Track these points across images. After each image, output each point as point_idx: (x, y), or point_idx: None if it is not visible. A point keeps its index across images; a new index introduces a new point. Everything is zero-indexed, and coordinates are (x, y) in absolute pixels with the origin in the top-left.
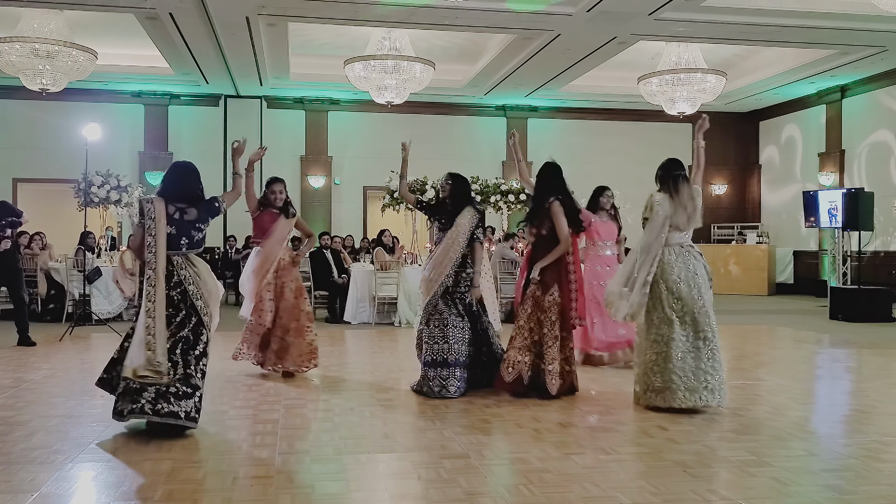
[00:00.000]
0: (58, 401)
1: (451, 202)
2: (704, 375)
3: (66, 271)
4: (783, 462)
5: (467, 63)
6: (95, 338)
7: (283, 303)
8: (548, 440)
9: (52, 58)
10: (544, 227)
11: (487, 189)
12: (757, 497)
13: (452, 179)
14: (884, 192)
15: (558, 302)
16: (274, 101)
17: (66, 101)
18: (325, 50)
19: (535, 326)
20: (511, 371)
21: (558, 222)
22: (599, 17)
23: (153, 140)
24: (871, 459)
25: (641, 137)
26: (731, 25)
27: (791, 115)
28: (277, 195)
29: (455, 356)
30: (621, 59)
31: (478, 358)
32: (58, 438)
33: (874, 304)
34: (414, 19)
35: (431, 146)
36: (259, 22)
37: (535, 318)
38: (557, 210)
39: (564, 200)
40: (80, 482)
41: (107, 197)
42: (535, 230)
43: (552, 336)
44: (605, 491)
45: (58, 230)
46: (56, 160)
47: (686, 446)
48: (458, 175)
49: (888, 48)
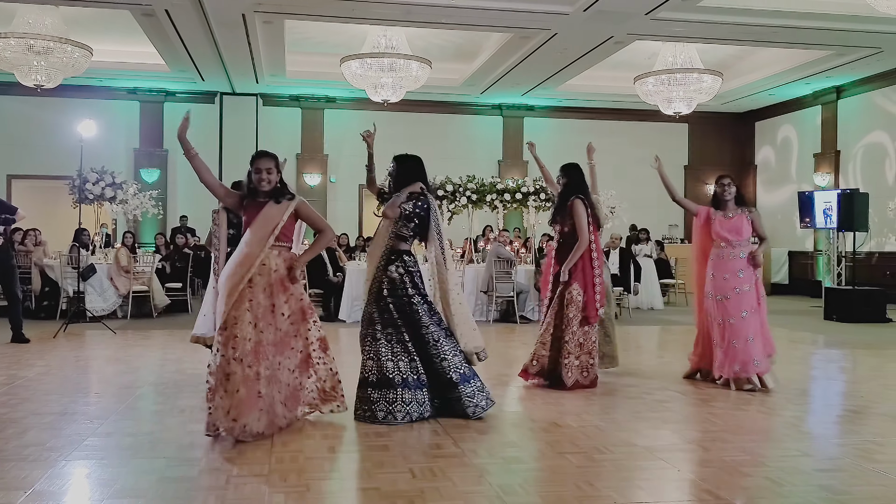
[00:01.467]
0: (52, 398)
1: (395, 189)
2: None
3: (61, 268)
4: (777, 462)
5: (464, 62)
6: (90, 335)
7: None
8: (542, 439)
9: (47, 54)
10: (566, 225)
11: (484, 188)
12: (751, 497)
13: (395, 162)
14: (879, 193)
15: (579, 297)
16: (270, 99)
17: (62, 97)
18: (321, 48)
19: (558, 322)
20: (535, 364)
21: (579, 221)
22: (596, 17)
23: (148, 137)
24: (865, 460)
25: (638, 137)
26: (728, 26)
27: (787, 115)
28: (264, 176)
29: (392, 375)
30: (618, 59)
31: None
32: (51, 436)
33: (869, 305)
34: (410, 17)
35: (427, 145)
36: (255, 19)
37: (560, 314)
38: (579, 208)
39: (586, 199)
40: (73, 480)
41: (101, 194)
42: (559, 227)
43: (570, 331)
44: (598, 490)
45: (52, 227)
46: (51, 157)
47: (679, 446)
48: (402, 157)
49: (884, 49)
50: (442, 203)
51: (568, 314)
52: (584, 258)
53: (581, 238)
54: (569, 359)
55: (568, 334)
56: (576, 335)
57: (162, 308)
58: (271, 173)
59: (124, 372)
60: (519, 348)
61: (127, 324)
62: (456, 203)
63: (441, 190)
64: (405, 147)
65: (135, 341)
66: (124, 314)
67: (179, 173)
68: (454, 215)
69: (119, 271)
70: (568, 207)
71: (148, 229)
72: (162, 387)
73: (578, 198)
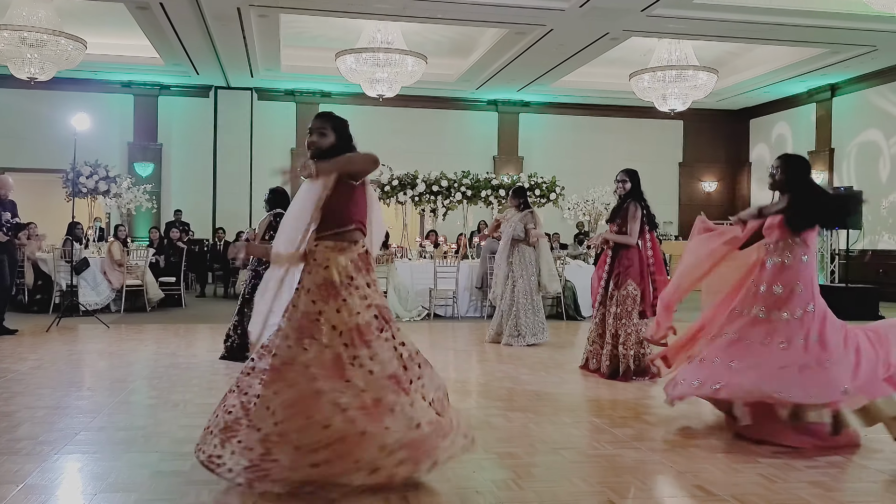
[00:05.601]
0: (44, 392)
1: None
2: None
3: (54, 262)
4: (769, 458)
5: (459, 57)
6: (83, 329)
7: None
8: (536, 435)
9: (41, 46)
10: (623, 226)
11: (479, 184)
12: (743, 493)
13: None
14: (872, 191)
15: (635, 292)
16: (264, 93)
17: (55, 90)
18: (316, 42)
19: (611, 320)
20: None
21: (632, 222)
22: (592, 13)
23: (142, 131)
24: (856, 456)
25: (633, 134)
26: (723, 23)
27: (781, 113)
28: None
29: None
30: (613, 56)
31: None
32: (44, 429)
33: (862, 303)
34: (407, 12)
35: (422, 140)
36: (250, 13)
37: (611, 311)
38: (634, 211)
39: (644, 205)
40: (65, 473)
41: (95, 187)
42: (616, 228)
43: (631, 324)
44: (592, 486)
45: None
46: (44, 150)
47: (672, 442)
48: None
49: (878, 48)
50: (437, 198)
51: (626, 308)
52: (642, 257)
53: (631, 235)
54: (626, 350)
55: (626, 328)
56: (632, 328)
57: (156, 302)
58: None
59: (117, 366)
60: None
61: (120, 318)
62: (451, 199)
63: (436, 185)
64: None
65: (128, 335)
66: (118, 308)
67: (174, 167)
68: (449, 211)
69: (112, 265)
70: (624, 209)
71: (142, 223)
72: (155, 381)
73: (636, 202)
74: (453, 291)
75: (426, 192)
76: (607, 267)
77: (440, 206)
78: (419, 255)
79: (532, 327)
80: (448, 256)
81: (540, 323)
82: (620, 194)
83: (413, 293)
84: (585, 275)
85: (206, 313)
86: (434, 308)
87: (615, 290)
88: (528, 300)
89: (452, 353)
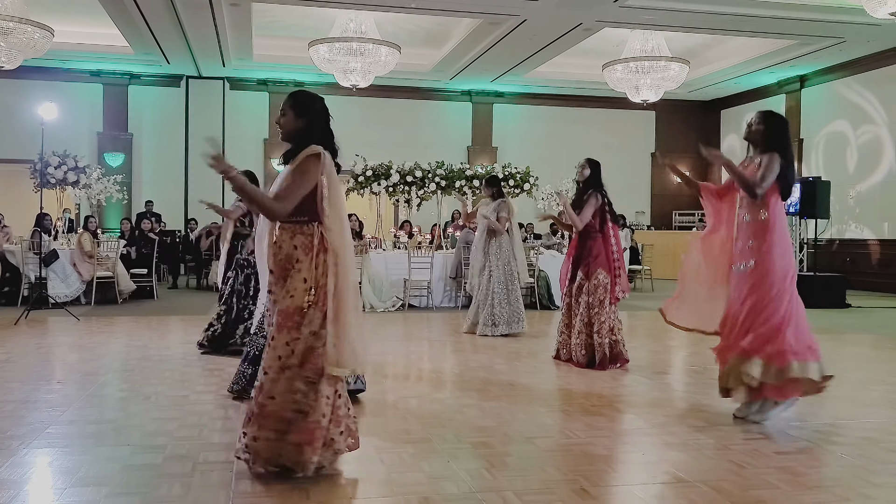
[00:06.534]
0: (13, 385)
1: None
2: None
3: (22, 254)
4: (740, 445)
5: (433, 47)
6: (52, 322)
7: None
8: (509, 424)
9: (7, 34)
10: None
11: (453, 174)
12: (714, 479)
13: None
14: (840, 181)
15: (606, 280)
16: (237, 83)
17: (22, 79)
18: (289, 31)
19: (583, 309)
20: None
21: (586, 207)
22: (565, 4)
23: (112, 120)
24: (824, 442)
25: (606, 124)
26: (695, 14)
27: (752, 103)
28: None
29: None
30: (586, 46)
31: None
32: (12, 423)
33: (829, 291)
34: (380, 1)
35: (397, 130)
36: (222, 1)
37: (582, 301)
38: (592, 200)
39: (604, 195)
40: (35, 468)
41: (64, 178)
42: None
43: (604, 313)
44: (566, 474)
45: (13, 212)
46: (11, 140)
47: (645, 430)
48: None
49: (846, 39)
50: (411, 189)
51: (598, 297)
52: (607, 247)
53: (580, 219)
54: (601, 339)
55: (599, 316)
56: (605, 316)
57: (127, 294)
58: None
59: (88, 359)
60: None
61: (91, 310)
62: (425, 189)
63: (410, 176)
64: (375, 132)
65: (99, 328)
66: (88, 300)
67: (144, 158)
68: (423, 201)
69: (82, 257)
70: (584, 200)
71: (113, 214)
72: (126, 374)
73: (597, 192)
74: (428, 282)
75: (400, 183)
76: (573, 258)
77: (414, 197)
78: (393, 246)
79: (507, 317)
80: (422, 247)
81: (516, 313)
82: (579, 181)
83: (387, 284)
84: (559, 265)
85: (178, 305)
86: (409, 299)
87: (585, 280)
88: (504, 290)
89: (427, 343)
